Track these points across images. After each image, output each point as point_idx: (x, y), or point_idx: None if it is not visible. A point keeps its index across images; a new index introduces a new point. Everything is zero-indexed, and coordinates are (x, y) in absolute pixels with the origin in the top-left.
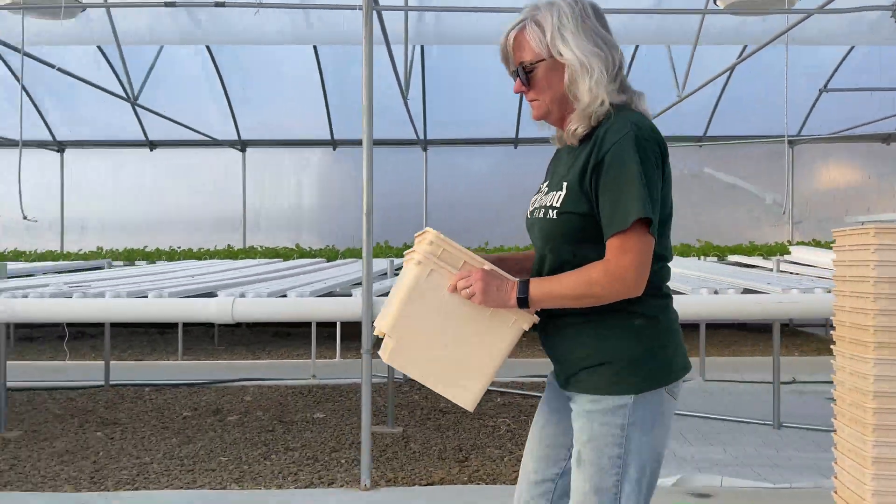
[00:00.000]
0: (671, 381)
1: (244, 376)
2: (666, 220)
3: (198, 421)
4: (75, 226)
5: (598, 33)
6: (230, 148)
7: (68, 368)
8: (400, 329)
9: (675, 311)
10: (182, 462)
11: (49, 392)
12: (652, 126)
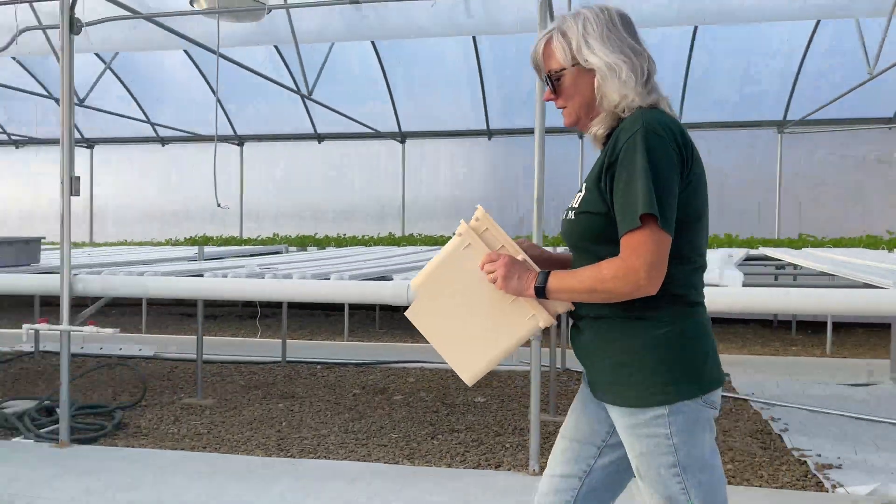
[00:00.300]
0: (702, 392)
1: (406, 358)
2: (695, 219)
3: (367, 398)
4: (252, 213)
5: (624, 41)
6: (391, 139)
7: (246, 344)
8: (427, 289)
9: (707, 318)
10: (356, 436)
11: (234, 365)
12: (670, 122)
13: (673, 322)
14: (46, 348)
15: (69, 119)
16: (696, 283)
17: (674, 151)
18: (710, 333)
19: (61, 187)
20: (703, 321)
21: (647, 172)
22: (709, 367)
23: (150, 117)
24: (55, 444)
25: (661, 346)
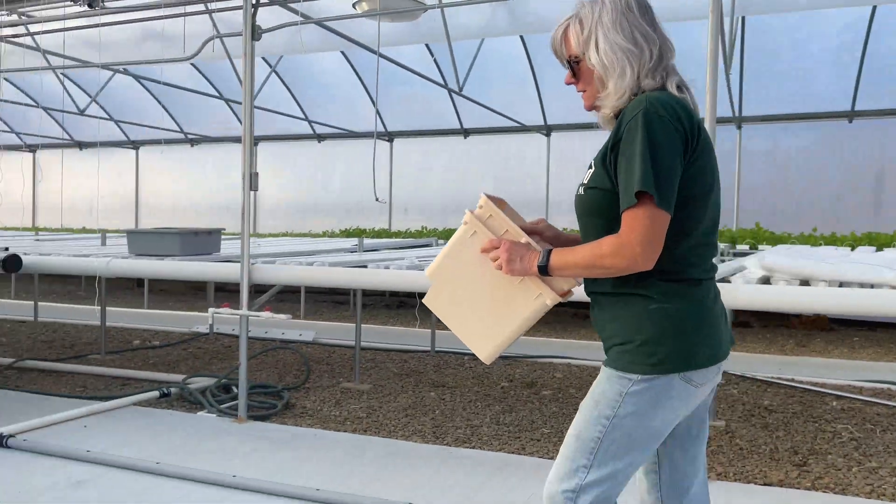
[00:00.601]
0: (686, 369)
1: (550, 353)
2: (700, 197)
3: (515, 392)
4: (399, 206)
5: (638, 28)
6: (536, 133)
7: (396, 333)
8: (439, 276)
9: (709, 296)
10: (508, 429)
11: (387, 353)
12: (674, 103)
13: (664, 299)
14: (219, 330)
15: (250, 120)
16: (698, 261)
17: (675, 132)
18: (706, 311)
19: (242, 183)
20: (700, 299)
21: (646, 152)
22: (697, 346)
23: (307, 115)
24: (234, 419)
25: (649, 322)
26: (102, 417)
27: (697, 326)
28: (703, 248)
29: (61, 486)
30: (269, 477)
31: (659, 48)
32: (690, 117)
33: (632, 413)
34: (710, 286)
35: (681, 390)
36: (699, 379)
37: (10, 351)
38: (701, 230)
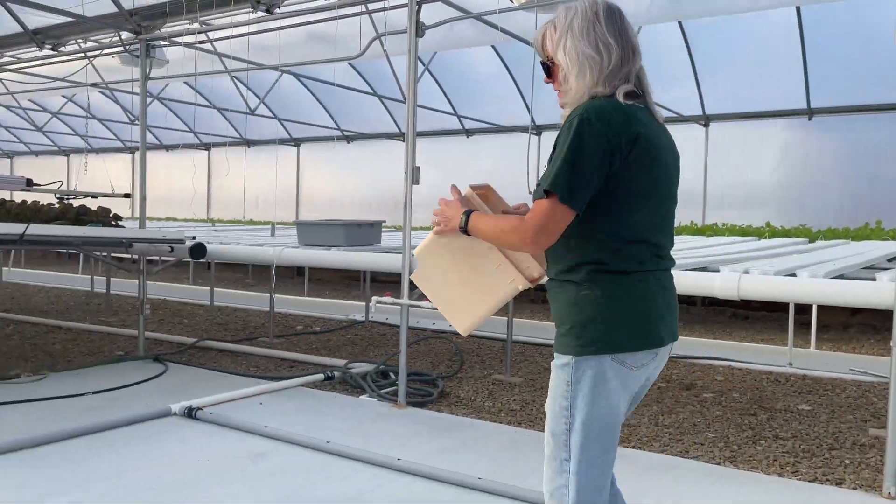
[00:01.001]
0: (613, 351)
1: (708, 354)
2: (638, 197)
3: (673, 393)
4: None
5: (601, 38)
6: (694, 123)
7: (543, 327)
8: (426, 257)
9: (638, 287)
10: (669, 430)
11: (536, 347)
12: (611, 110)
13: (593, 286)
14: (374, 319)
15: (413, 115)
16: (632, 255)
17: (602, 138)
18: (635, 300)
19: (405, 176)
20: (629, 289)
21: (569, 155)
22: (623, 331)
23: (457, 110)
24: (393, 404)
25: (577, 306)
26: (275, 396)
27: (625, 313)
28: (640, 244)
29: (244, 457)
30: (430, 462)
31: (619, 56)
32: (627, 126)
33: (582, 400)
34: (645, 278)
35: (616, 371)
36: (633, 362)
37: (191, 331)
38: (634, 231)
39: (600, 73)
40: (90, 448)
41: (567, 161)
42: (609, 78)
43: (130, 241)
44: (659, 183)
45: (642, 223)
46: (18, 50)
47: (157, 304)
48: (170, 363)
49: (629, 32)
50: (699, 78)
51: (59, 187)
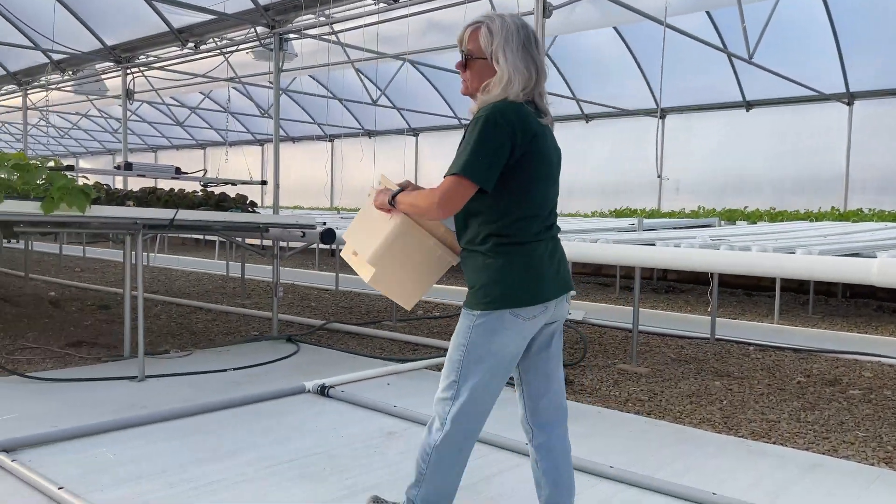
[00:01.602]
0: (510, 306)
1: (852, 349)
2: (528, 184)
3: (815, 389)
4: (669, 185)
5: (532, 58)
6: (836, 102)
7: (667, 317)
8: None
9: (531, 255)
10: (813, 427)
11: (661, 337)
12: (513, 111)
13: (494, 255)
14: None
15: None
16: (525, 229)
17: (503, 134)
18: (528, 266)
19: None
20: (524, 257)
21: (476, 144)
22: (517, 291)
23: (575, 94)
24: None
25: (482, 271)
26: (401, 377)
27: (520, 276)
28: (531, 219)
29: (375, 435)
30: None
31: (536, 76)
32: (524, 125)
33: (477, 340)
34: (537, 247)
35: (511, 322)
36: (526, 314)
37: (319, 314)
38: (529, 208)
39: (523, 87)
40: (232, 420)
41: (473, 149)
42: (526, 91)
43: (267, 226)
44: (546, 172)
45: (534, 202)
46: (161, 49)
47: (286, 288)
48: (301, 343)
49: (536, 57)
50: (843, 54)
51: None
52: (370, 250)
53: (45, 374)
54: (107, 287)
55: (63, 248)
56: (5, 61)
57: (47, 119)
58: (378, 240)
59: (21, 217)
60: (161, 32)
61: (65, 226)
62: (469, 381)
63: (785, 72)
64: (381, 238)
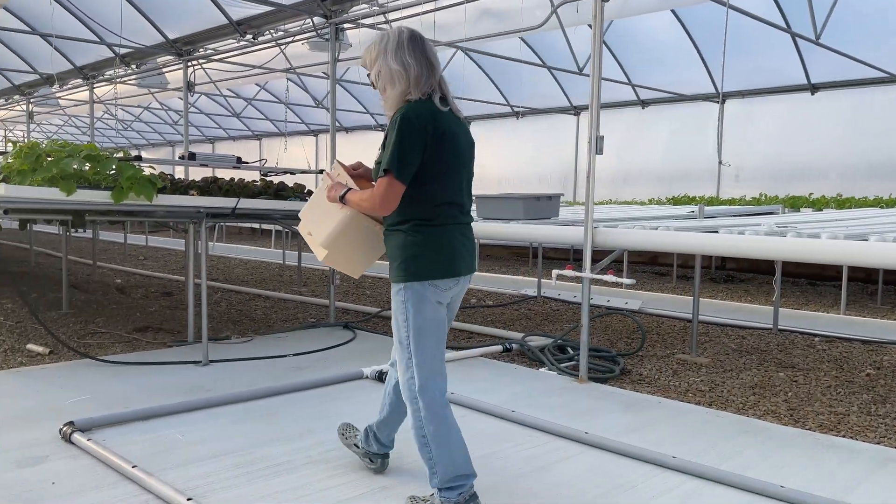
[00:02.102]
0: (429, 278)
1: None
2: (438, 173)
3: (886, 381)
4: (729, 172)
5: (405, 58)
6: None
7: (725, 307)
8: (332, 245)
9: (446, 235)
10: (885, 421)
11: (721, 327)
12: (423, 111)
13: (413, 233)
14: (546, 294)
15: (598, 82)
16: (443, 212)
17: (418, 132)
18: (446, 245)
19: (589, 147)
20: (437, 237)
21: (396, 144)
22: (433, 265)
23: (630, 79)
24: (574, 378)
25: (403, 247)
26: (456, 364)
27: (437, 253)
28: (447, 205)
29: None
30: (617, 437)
31: (417, 71)
32: (434, 122)
33: (413, 313)
34: (452, 229)
35: (432, 292)
36: (442, 286)
37: (374, 301)
38: (444, 195)
39: (407, 84)
40: (294, 404)
41: (395, 149)
42: (415, 86)
43: None
44: (457, 163)
45: (449, 190)
46: (218, 42)
47: (341, 276)
48: (357, 330)
49: (428, 53)
50: None
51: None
52: (324, 234)
53: (114, 357)
54: (169, 275)
55: (127, 237)
56: (73, 56)
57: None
58: (330, 226)
59: (92, 206)
60: (220, 25)
61: (132, 214)
62: (420, 353)
63: (854, 53)
64: (333, 225)
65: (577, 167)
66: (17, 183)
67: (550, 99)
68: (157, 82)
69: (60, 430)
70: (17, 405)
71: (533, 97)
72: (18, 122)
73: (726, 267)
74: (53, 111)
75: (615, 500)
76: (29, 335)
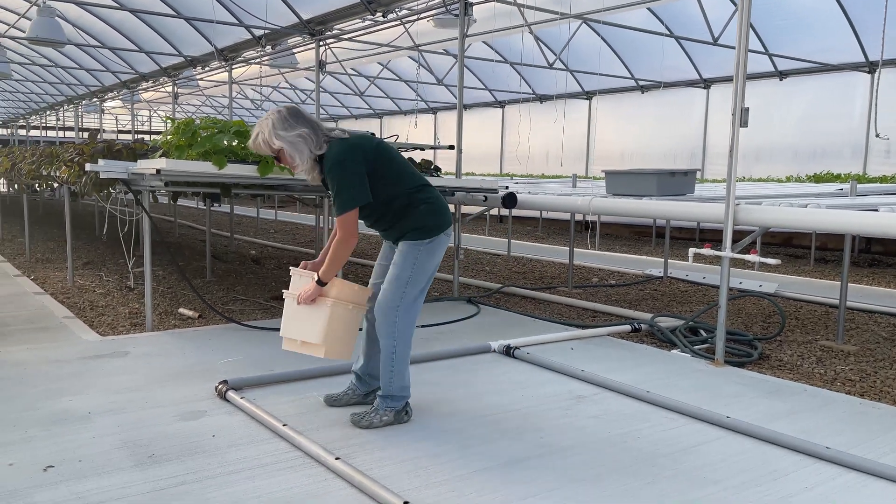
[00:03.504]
0: (444, 230)
1: None
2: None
3: None
4: (878, 148)
5: (294, 128)
6: None
7: (868, 293)
8: (328, 339)
9: (436, 202)
10: None
11: (868, 314)
12: (352, 143)
13: (418, 206)
14: (672, 275)
15: (744, 51)
16: (422, 192)
17: (356, 161)
18: (441, 207)
19: (732, 119)
20: (429, 205)
21: (342, 181)
22: (442, 220)
23: (768, 49)
24: (710, 361)
25: (417, 217)
26: (583, 342)
27: (438, 213)
28: (421, 187)
29: (564, 397)
30: (760, 423)
31: (312, 130)
32: (364, 146)
33: (423, 259)
34: (437, 197)
35: (444, 242)
36: (448, 234)
37: (494, 278)
38: (414, 181)
39: (310, 145)
40: (428, 373)
41: (338, 189)
42: (316, 144)
43: (453, 190)
44: (400, 159)
45: (411, 177)
46: (346, 22)
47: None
48: (481, 305)
49: (307, 116)
50: None
51: (394, 140)
52: (318, 331)
53: (257, 323)
54: (298, 247)
55: (259, 211)
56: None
57: (260, 91)
58: (321, 320)
59: (239, 179)
60: (351, 4)
61: (273, 188)
62: (414, 289)
63: None
64: (324, 318)
65: (705, 143)
66: (175, 157)
67: (678, 72)
68: (288, 62)
69: (216, 387)
70: (174, 363)
71: (659, 70)
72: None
73: (871, 250)
74: (193, 92)
75: (764, 487)
76: (179, 300)
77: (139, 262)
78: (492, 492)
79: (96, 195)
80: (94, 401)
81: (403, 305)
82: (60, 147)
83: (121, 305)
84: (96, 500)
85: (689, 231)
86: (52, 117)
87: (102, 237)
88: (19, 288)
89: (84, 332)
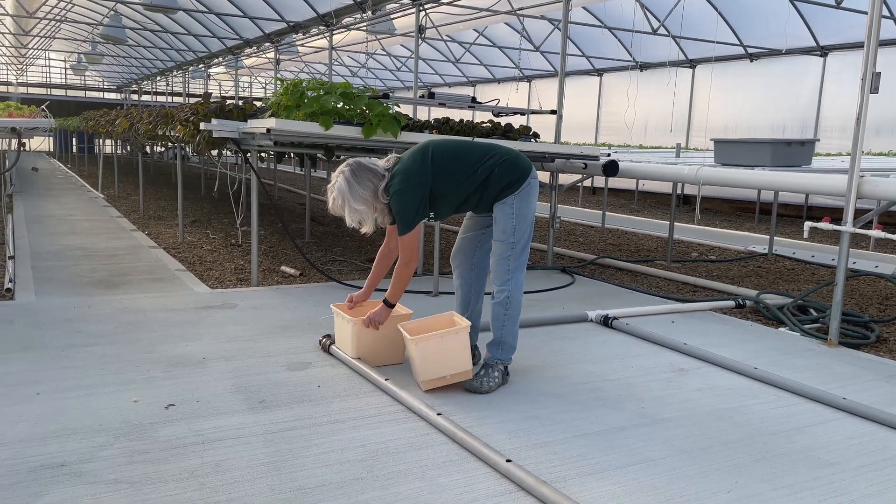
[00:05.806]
0: (530, 174)
1: None
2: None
3: None
4: None
5: (360, 195)
6: None
7: None
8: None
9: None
10: None
11: None
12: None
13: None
14: (777, 252)
15: (878, 15)
16: (490, 159)
17: (416, 187)
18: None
19: (861, 84)
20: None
21: (403, 211)
22: (514, 176)
23: (894, 12)
24: (822, 341)
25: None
26: (684, 316)
27: (513, 171)
28: (486, 157)
29: (666, 370)
30: (881, 407)
31: (374, 184)
32: (417, 173)
33: (520, 205)
34: (502, 158)
35: (535, 186)
36: (533, 181)
37: (588, 249)
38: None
39: (374, 200)
40: (527, 339)
41: (401, 215)
42: (379, 196)
43: (553, 156)
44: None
45: (474, 154)
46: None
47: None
48: (576, 275)
49: (363, 164)
50: None
51: (496, 104)
52: (467, 362)
53: (355, 282)
54: None
55: None
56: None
57: (356, 60)
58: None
59: (343, 140)
60: None
61: (375, 152)
62: (522, 238)
63: None
64: (464, 347)
65: (818, 115)
66: (283, 117)
67: (791, 39)
68: (386, 28)
69: (320, 341)
70: (280, 316)
71: (770, 37)
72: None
73: None
74: (293, 58)
75: (884, 473)
76: (280, 258)
77: (245, 221)
78: (593, 457)
79: (209, 154)
80: (207, 347)
81: (514, 254)
82: (175, 108)
83: (227, 261)
84: (214, 437)
85: (795, 208)
86: (162, 83)
87: (214, 194)
88: (136, 242)
89: (195, 284)
